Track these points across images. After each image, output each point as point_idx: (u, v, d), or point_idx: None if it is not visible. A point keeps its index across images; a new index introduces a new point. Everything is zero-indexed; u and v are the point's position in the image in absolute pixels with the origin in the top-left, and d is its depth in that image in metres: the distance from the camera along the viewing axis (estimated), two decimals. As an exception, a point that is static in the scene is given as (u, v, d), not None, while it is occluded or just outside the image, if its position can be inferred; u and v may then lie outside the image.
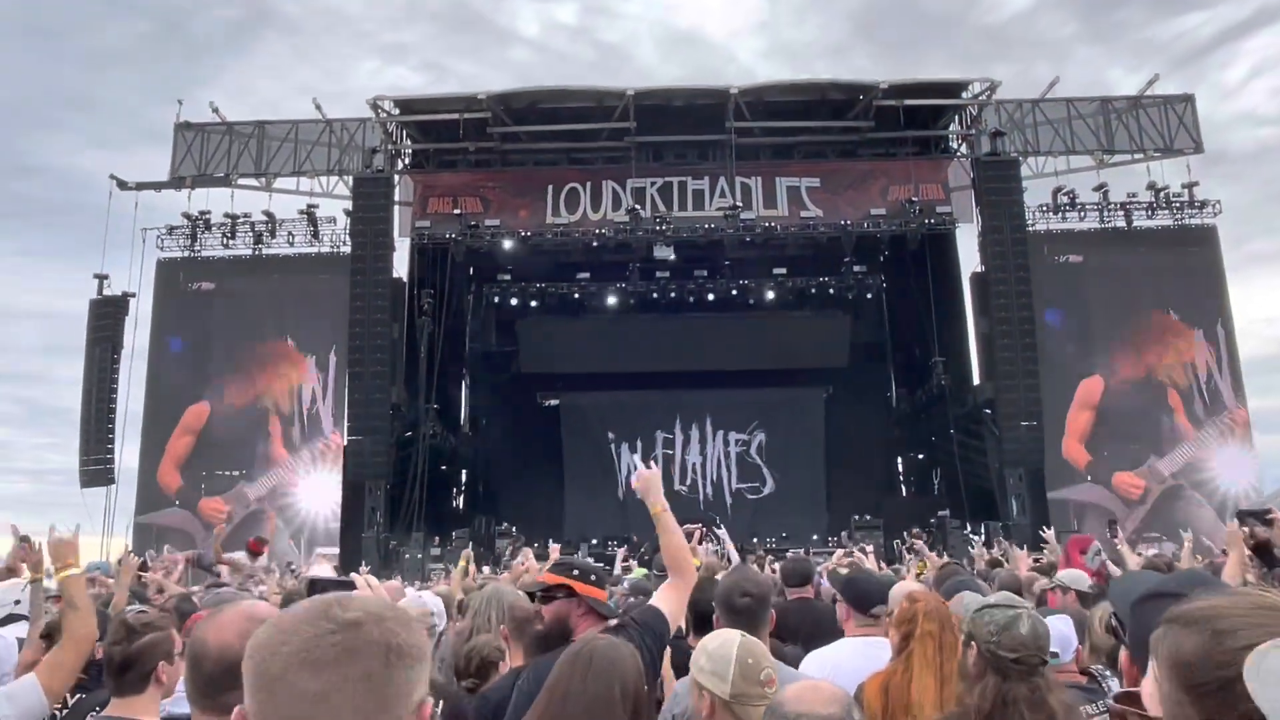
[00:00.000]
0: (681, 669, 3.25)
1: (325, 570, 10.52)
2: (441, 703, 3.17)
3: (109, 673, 2.64)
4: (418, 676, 1.10)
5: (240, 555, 11.09)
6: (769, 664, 2.43)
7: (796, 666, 3.40)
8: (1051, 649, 2.61)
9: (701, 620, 3.73)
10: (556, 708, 2.21)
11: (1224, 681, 1.08)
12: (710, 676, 2.44)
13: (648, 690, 2.43)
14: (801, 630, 3.81)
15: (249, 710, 1.08)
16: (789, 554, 12.83)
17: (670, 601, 3.15)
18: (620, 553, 11.93)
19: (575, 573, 3.18)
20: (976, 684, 2.52)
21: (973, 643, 2.59)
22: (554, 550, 8.71)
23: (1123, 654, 1.77)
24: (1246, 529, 4.64)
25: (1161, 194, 25.45)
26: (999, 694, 2.45)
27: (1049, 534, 9.08)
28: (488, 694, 3.14)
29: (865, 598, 3.69)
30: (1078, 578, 5.37)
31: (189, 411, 24.89)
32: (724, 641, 2.52)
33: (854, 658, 3.42)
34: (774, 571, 7.54)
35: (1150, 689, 1.22)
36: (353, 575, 2.41)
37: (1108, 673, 3.43)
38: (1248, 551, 4.61)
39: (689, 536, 7.84)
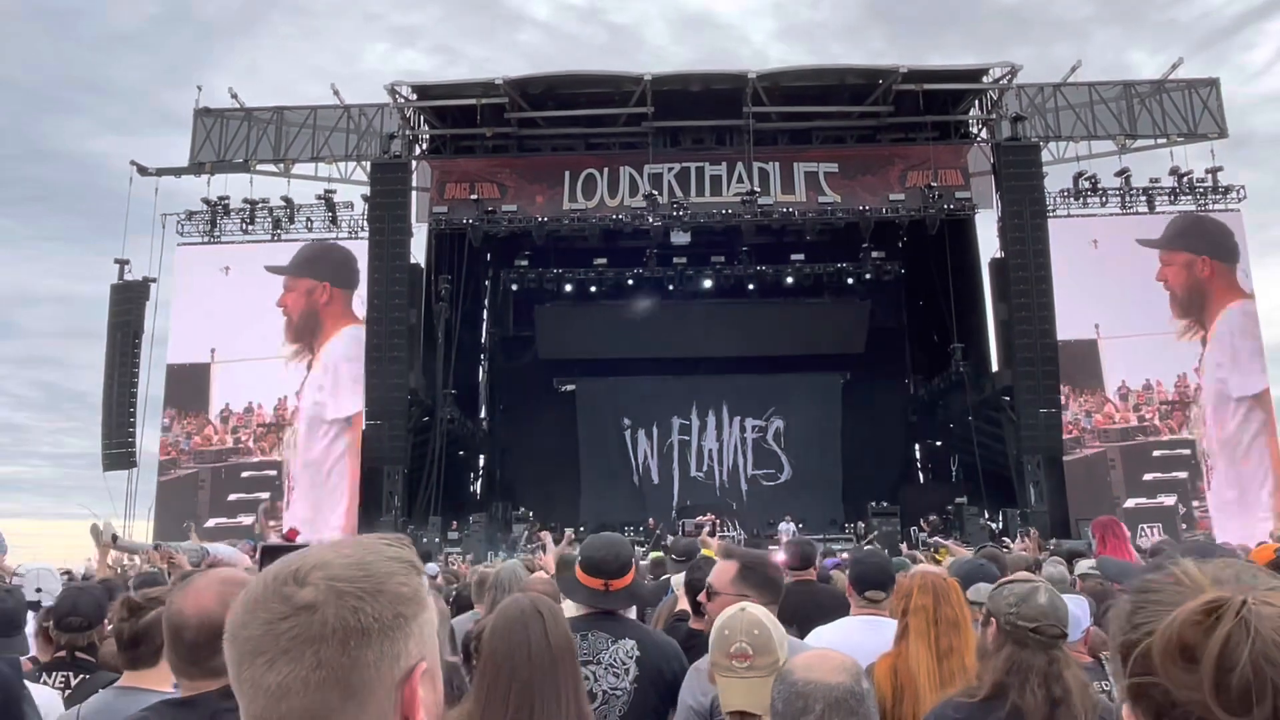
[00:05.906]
0: (686, 651, 3.27)
1: (222, 548, 10.40)
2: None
3: (121, 648, 2.67)
4: (395, 649, 0.98)
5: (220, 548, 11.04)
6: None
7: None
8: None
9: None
10: (483, 661, 2.36)
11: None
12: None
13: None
14: (801, 612, 3.80)
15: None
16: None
17: None
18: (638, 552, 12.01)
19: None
20: (994, 658, 2.50)
21: (992, 619, 2.58)
22: (545, 538, 8.46)
23: None
24: None
25: (1184, 179, 25.11)
26: (1013, 663, 2.43)
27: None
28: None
29: (862, 579, 3.69)
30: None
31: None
32: (723, 614, 2.53)
33: (857, 634, 3.42)
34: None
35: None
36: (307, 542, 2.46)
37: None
38: None
39: (700, 529, 7.84)
